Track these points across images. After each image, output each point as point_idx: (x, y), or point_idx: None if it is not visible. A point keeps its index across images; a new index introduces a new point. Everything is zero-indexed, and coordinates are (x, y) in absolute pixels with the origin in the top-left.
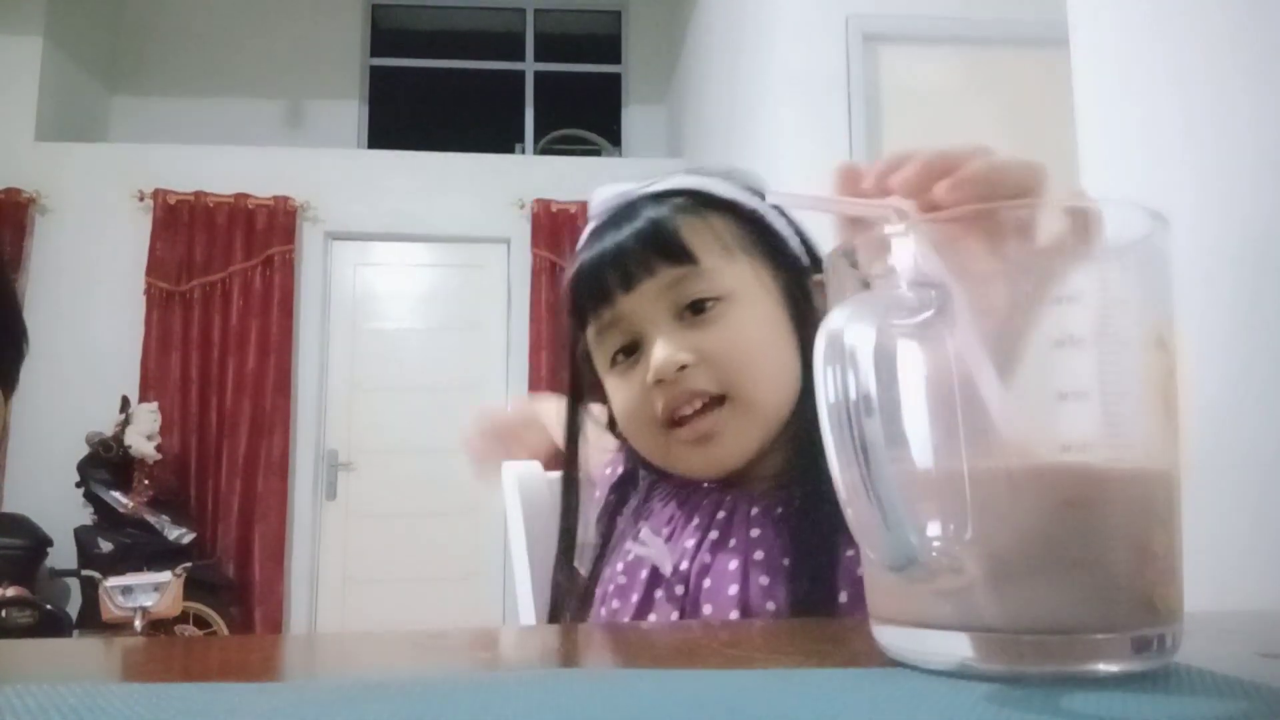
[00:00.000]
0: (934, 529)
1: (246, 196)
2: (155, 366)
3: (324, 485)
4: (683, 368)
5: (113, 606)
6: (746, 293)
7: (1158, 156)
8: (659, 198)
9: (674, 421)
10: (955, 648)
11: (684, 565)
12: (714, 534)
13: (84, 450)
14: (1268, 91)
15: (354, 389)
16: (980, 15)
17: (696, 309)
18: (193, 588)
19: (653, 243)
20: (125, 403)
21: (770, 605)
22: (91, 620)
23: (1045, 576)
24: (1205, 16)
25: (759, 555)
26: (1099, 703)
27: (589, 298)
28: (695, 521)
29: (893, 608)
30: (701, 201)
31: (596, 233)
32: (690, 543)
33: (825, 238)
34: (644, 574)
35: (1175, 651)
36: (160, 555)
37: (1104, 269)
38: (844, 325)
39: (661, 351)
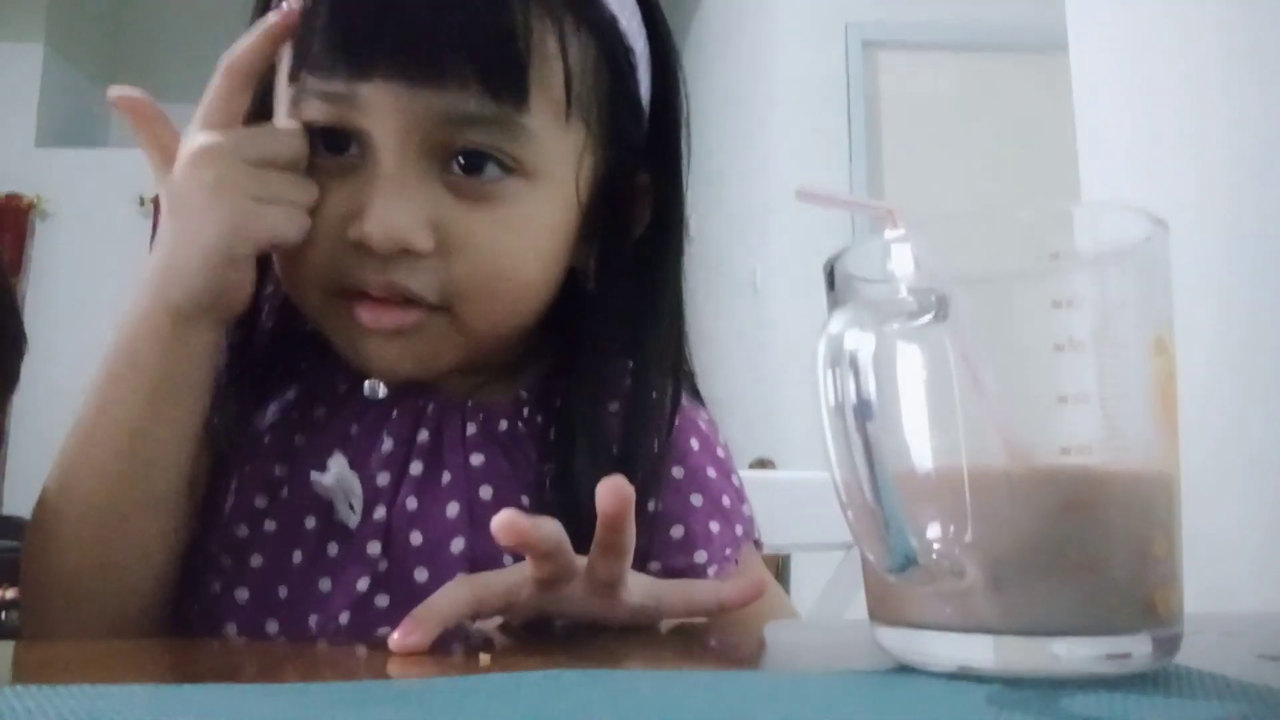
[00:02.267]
0: (934, 532)
1: None
2: None
3: None
4: (407, 253)
5: None
6: (556, 185)
7: (1156, 161)
8: None
9: (356, 293)
10: (955, 650)
11: (378, 513)
12: (416, 466)
13: None
14: (1265, 97)
15: None
16: (979, 22)
17: (473, 166)
18: None
19: (474, 36)
20: None
21: (508, 560)
22: None
23: (1045, 579)
24: (1202, 24)
25: (486, 493)
26: (1099, 705)
27: (320, 40)
28: (384, 446)
29: (893, 610)
30: (580, 10)
31: None
32: (382, 478)
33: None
34: (311, 521)
35: (1176, 653)
36: None
37: (1104, 273)
38: (844, 329)
39: (390, 213)
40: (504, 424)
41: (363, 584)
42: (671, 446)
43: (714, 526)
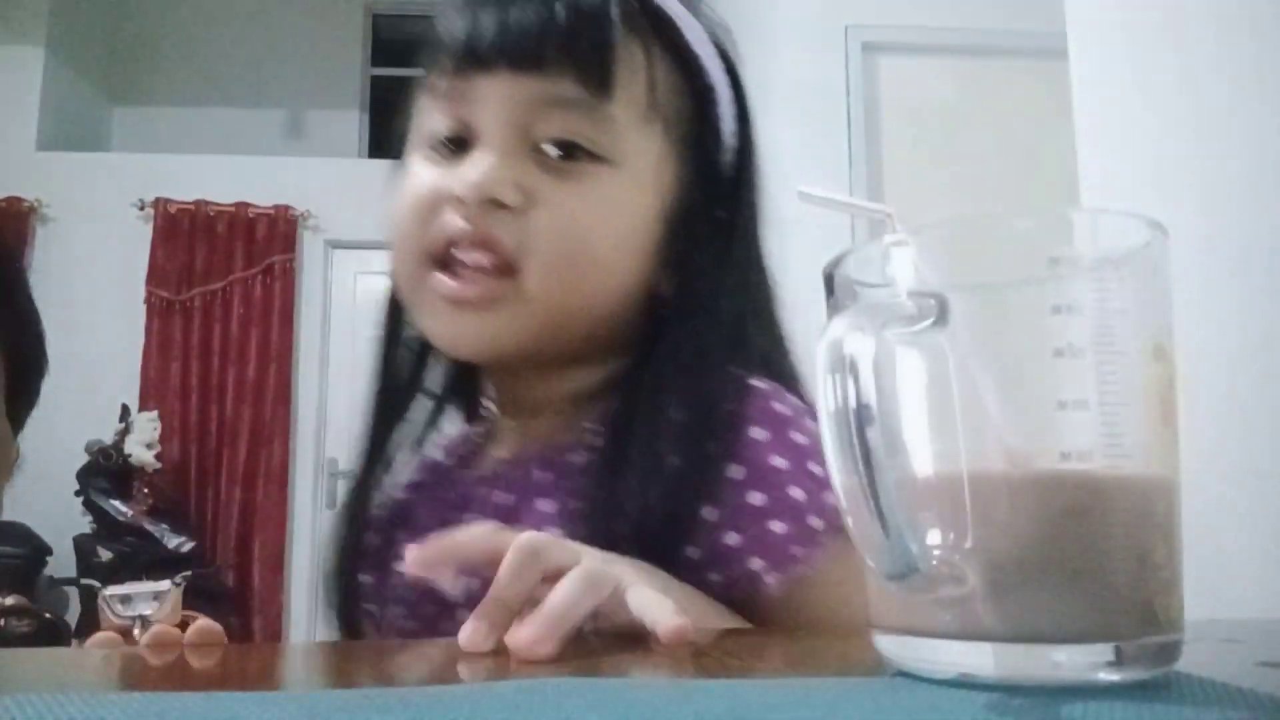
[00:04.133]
0: (934, 538)
1: (247, 205)
2: (155, 375)
3: (324, 494)
4: (500, 206)
5: (112, 615)
6: (636, 178)
7: (1156, 166)
8: None
9: (442, 261)
10: (955, 657)
11: (476, 585)
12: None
13: (84, 459)
14: (1265, 102)
15: (354, 397)
16: (979, 26)
17: (565, 152)
18: (192, 597)
19: (573, 33)
20: (125, 411)
21: None
22: (90, 629)
23: (1045, 585)
24: (1203, 29)
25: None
26: (1100, 712)
27: (449, 52)
28: (466, 518)
29: (893, 617)
30: (660, 28)
31: None
32: None
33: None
34: (429, 607)
35: (1176, 660)
36: (160, 564)
37: (1103, 279)
38: (844, 334)
39: (490, 170)
40: (569, 457)
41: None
42: (728, 445)
43: (776, 526)
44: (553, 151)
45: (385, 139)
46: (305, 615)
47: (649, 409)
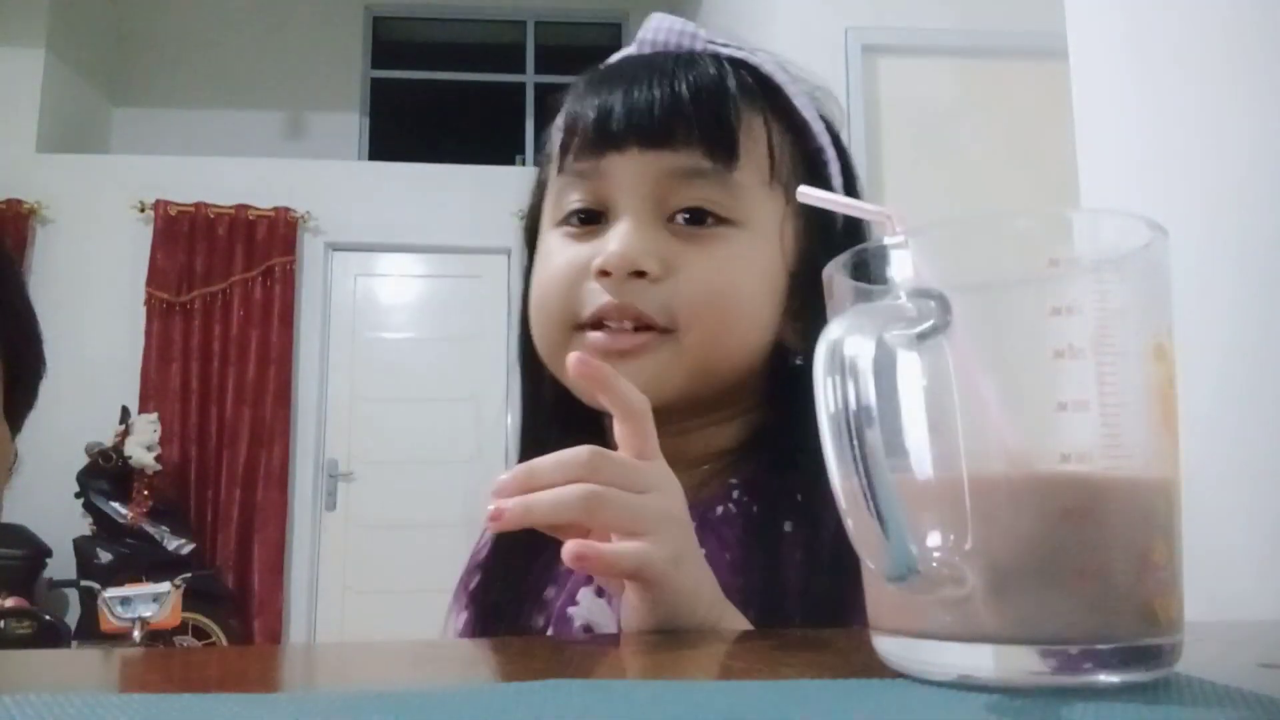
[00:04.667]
0: (934, 539)
1: (247, 207)
2: (155, 377)
3: (324, 495)
4: (641, 275)
5: (111, 617)
6: (763, 237)
7: (1157, 168)
8: (728, 64)
9: (590, 325)
10: (955, 659)
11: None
12: None
13: (83, 460)
14: (1266, 102)
15: (354, 399)
16: (979, 27)
17: (696, 219)
18: (192, 598)
19: (698, 109)
20: (125, 413)
21: None
22: (90, 631)
23: (1046, 587)
24: (1204, 32)
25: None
26: (1100, 713)
27: (581, 133)
28: None
29: (893, 619)
30: (771, 96)
31: (628, 64)
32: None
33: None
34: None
35: (1176, 662)
36: (159, 566)
37: (1103, 280)
38: (843, 336)
39: (627, 241)
40: (718, 509)
41: None
42: None
43: None
44: (685, 219)
45: (385, 141)
46: (305, 616)
47: (796, 476)
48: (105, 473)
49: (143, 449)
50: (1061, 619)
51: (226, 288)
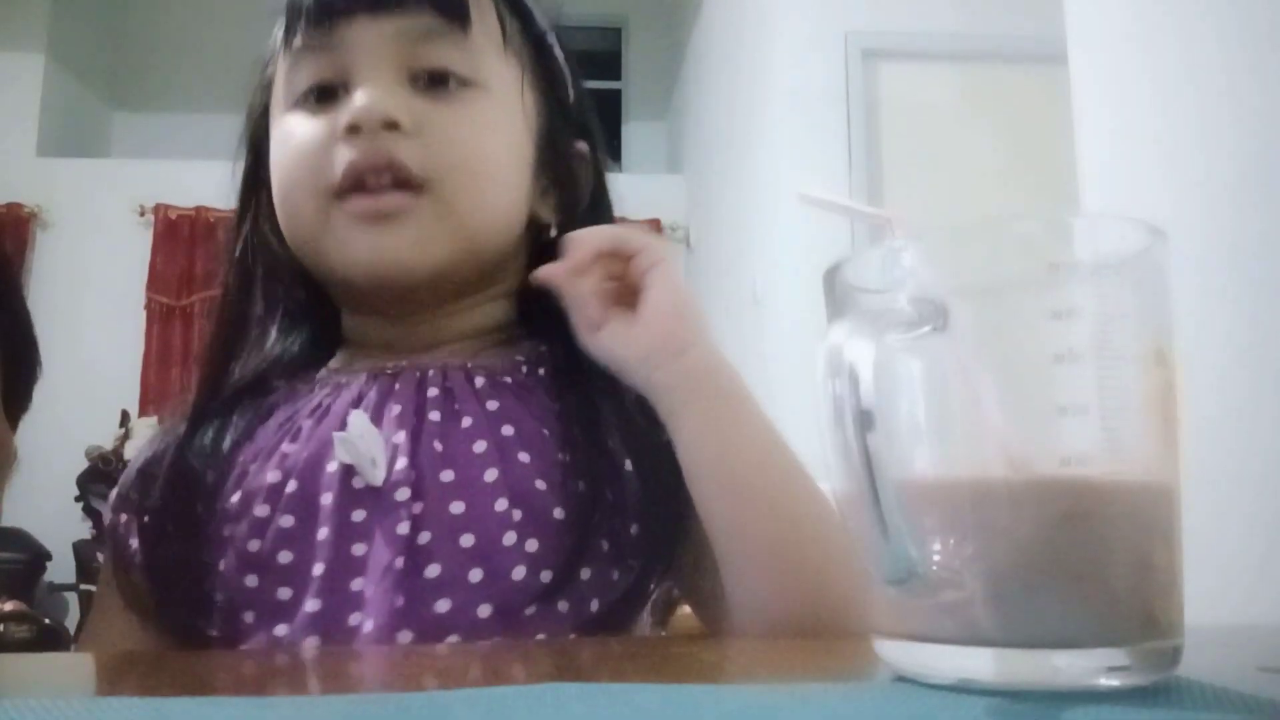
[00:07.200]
0: (934, 543)
1: None
2: (155, 381)
3: None
4: (393, 126)
5: None
6: (505, 100)
7: (1156, 170)
8: None
9: (347, 191)
10: (956, 662)
11: (400, 464)
12: (434, 415)
13: (83, 464)
14: (1267, 106)
15: None
16: (979, 31)
17: (437, 80)
18: None
19: None
20: (125, 417)
21: (540, 485)
22: None
23: (1045, 590)
24: (1201, 33)
25: (509, 430)
26: (1100, 717)
27: (305, 13)
28: (395, 410)
29: (893, 622)
30: None
31: None
32: (398, 437)
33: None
34: (328, 498)
35: (1176, 665)
36: None
37: (1102, 284)
38: (844, 340)
39: (373, 95)
40: (509, 379)
41: (403, 528)
42: None
43: None
44: (427, 81)
45: None
46: None
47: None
48: (105, 476)
49: None
50: (1062, 623)
51: None
